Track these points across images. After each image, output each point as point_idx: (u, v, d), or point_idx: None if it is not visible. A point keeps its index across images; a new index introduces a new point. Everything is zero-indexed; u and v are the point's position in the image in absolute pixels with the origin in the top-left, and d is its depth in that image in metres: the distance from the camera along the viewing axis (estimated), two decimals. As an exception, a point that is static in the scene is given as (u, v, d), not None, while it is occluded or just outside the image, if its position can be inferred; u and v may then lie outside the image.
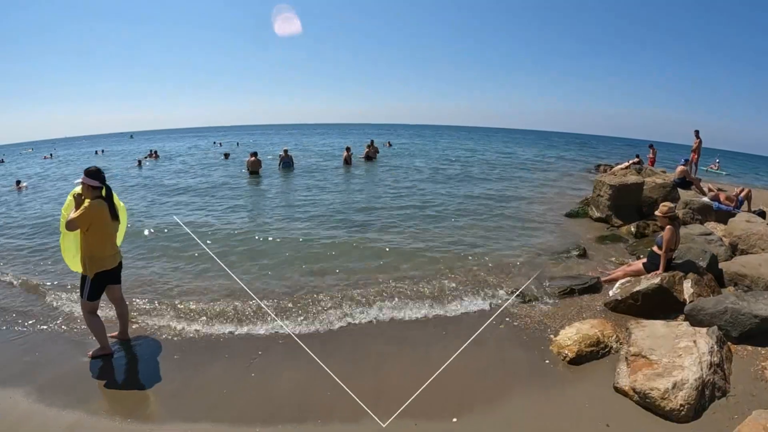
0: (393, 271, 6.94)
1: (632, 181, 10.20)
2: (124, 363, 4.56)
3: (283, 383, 4.12)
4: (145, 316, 5.50)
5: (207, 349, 4.75)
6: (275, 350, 4.70)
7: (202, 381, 4.19)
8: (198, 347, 4.79)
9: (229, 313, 5.50)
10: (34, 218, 11.37)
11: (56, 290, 6.30)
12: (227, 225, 9.91)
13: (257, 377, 4.22)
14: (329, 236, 8.87)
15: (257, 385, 4.09)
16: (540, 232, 9.39)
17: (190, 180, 17.63)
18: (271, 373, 4.28)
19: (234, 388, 4.04)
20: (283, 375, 4.26)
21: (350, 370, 4.28)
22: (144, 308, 5.73)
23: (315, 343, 4.78)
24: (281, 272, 6.93)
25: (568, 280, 6.35)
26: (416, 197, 13.03)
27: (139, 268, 7.20)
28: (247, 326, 5.21)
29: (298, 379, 4.17)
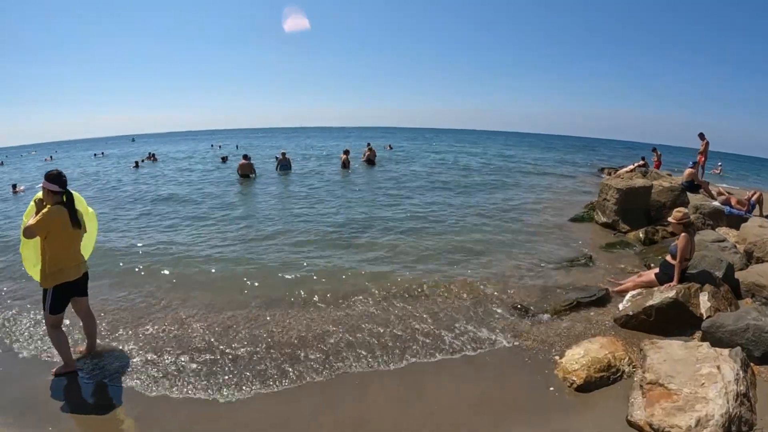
0: (383, 280, 6.51)
1: (640, 184, 9.75)
2: (90, 382, 4.18)
3: (252, 412, 3.72)
4: (113, 333, 5.08)
5: (177, 371, 4.32)
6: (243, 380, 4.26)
7: (173, 403, 3.81)
8: (170, 369, 4.37)
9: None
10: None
11: (18, 301, 5.89)
12: (187, 247, 8.37)
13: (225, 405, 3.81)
14: (313, 262, 7.45)
15: (226, 413, 3.68)
16: (543, 238, 8.93)
17: (173, 187, 16.48)
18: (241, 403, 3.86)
19: (201, 416, 3.65)
20: (254, 402, 3.85)
21: (327, 397, 3.88)
22: (112, 323, 5.31)
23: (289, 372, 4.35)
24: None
25: (575, 292, 5.90)
26: (413, 203, 12.51)
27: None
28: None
29: (277, 411, 3.75)
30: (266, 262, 7.29)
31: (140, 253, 7.90)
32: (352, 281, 6.43)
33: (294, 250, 7.96)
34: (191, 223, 10.21)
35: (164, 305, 5.71)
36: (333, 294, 5.97)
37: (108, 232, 9.34)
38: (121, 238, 8.90)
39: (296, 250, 7.95)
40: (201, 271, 6.94)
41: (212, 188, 15.51)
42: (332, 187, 15.00)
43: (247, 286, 6.27)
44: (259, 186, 16.11)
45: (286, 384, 4.06)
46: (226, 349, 4.62)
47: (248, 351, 4.57)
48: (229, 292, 6.04)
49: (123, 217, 11.09)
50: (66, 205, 4.18)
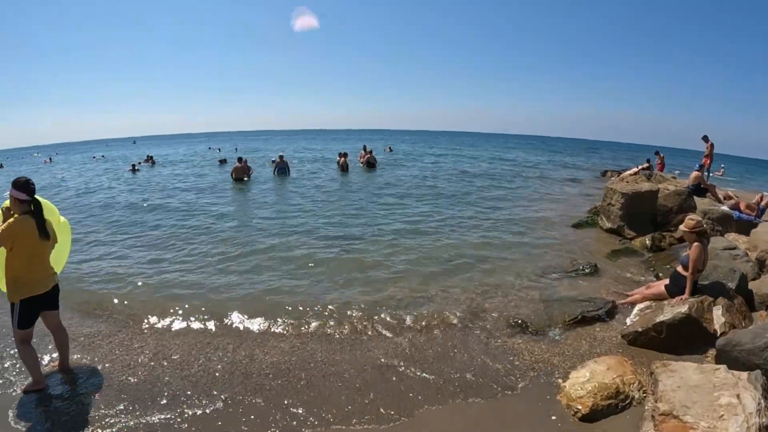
0: (374, 292, 6.15)
1: (646, 188, 9.39)
2: (59, 401, 3.88)
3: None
4: (87, 346, 4.77)
5: (153, 388, 4.00)
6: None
7: (145, 426, 3.51)
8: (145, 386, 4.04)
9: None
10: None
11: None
12: (171, 265, 7.60)
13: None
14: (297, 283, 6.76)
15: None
16: (545, 245, 8.55)
17: (162, 195, 15.40)
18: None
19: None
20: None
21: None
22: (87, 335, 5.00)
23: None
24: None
25: (579, 305, 5.52)
26: (411, 209, 12.02)
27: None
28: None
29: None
30: (250, 286, 6.56)
31: (121, 268, 7.46)
32: (342, 297, 6.03)
33: (279, 269, 7.26)
34: (175, 236, 9.58)
35: (143, 327, 5.36)
36: (315, 307, 5.66)
37: (87, 245, 8.85)
38: (99, 254, 8.33)
39: (281, 269, 7.25)
40: (181, 290, 6.45)
41: (203, 197, 14.55)
42: (329, 194, 14.36)
43: (226, 309, 5.74)
44: (253, 192, 15.49)
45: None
46: (202, 378, 4.28)
47: (222, 385, 4.19)
48: (210, 313, 5.63)
49: (101, 229, 10.41)
50: (34, 215, 3.91)
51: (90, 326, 5.27)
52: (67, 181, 21.88)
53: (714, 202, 12.03)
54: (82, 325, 5.28)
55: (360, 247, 8.32)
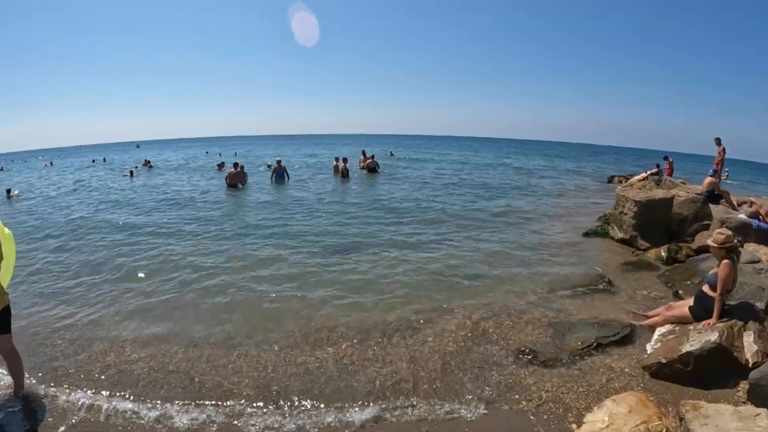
0: (365, 314, 5.57)
1: (660, 196, 8.80)
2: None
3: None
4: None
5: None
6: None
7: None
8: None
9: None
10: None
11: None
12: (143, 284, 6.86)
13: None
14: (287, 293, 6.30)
15: None
16: (554, 257, 7.96)
17: (142, 218, 13.46)
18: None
19: None
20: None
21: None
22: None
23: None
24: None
25: (594, 329, 4.95)
26: (411, 217, 11.33)
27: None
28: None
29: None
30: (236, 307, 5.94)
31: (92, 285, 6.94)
32: (330, 319, 5.45)
33: (262, 286, 6.66)
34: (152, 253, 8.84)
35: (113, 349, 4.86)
36: (302, 331, 5.11)
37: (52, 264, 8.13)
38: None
39: (265, 286, 6.65)
40: (153, 311, 5.87)
41: (194, 209, 13.17)
42: (327, 203, 13.42)
43: (198, 330, 5.25)
44: (248, 201, 14.56)
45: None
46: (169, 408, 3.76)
47: (192, 404, 3.72)
48: (186, 334, 5.13)
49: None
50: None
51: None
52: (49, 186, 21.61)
53: (729, 209, 11.46)
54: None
55: (356, 261, 7.69)
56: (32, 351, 4.68)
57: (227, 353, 4.64)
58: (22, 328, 5.13)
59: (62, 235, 10.12)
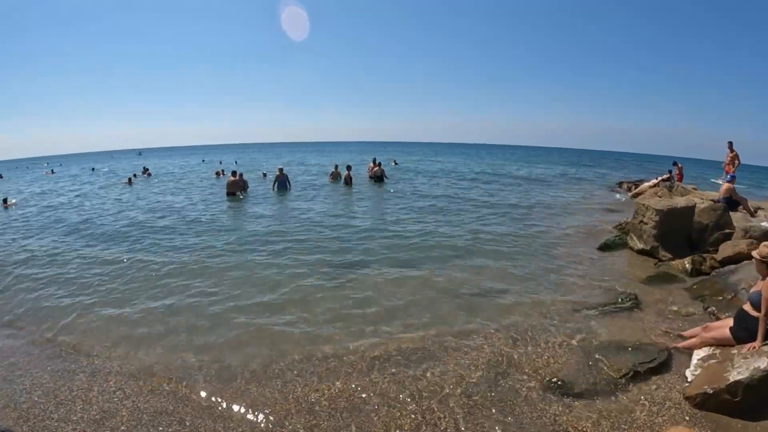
0: (374, 339, 5.07)
1: (682, 204, 8.34)
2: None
3: None
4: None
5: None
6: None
7: None
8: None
9: None
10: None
11: None
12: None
13: None
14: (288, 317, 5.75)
15: None
16: (572, 272, 7.46)
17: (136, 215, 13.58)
18: None
19: None
20: None
21: None
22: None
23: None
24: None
25: (627, 354, 4.48)
26: (420, 231, 10.66)
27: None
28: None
29: None
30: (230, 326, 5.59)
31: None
32: (338, 345, 4.96)
33: (256, 303, 6.26)
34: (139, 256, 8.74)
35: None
36: (306, 362, 4.62)
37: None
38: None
39: (259, 304, 6.26)
40: (141, 337, 5.43)
41: (190, 221, 12.50)
42: (332, 216, 12.64)
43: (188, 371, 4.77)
44: (247, 212, 13.95)
45: None
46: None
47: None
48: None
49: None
50: None
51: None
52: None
53: (748, 216, 11.03)
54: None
55: (362, 280, 7.14)
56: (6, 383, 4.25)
57: (222, 389, 4.18)
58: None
59: (54, 248, 9.72)
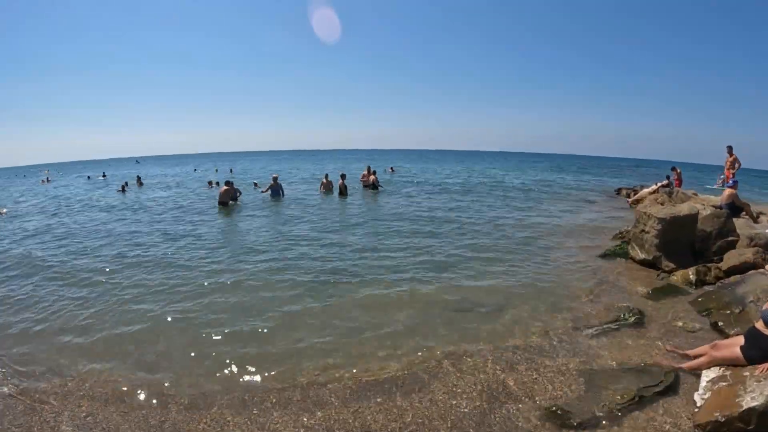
0: (361, 361, 4.76)
1: (685, 211, 8.07)
2: None
3: None
4: None
5: None
6: None
7: None
8: None
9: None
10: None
11: None
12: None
13: None
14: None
15: None
16: (572, 285, 7.15)
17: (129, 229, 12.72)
18: None
19: None
20: None
21: None
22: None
23: None
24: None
25: (632, 377, 4.17)
26: (415, 239, 10.43)
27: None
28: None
29: None
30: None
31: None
32: (321, 369, 4.63)
33: (244, 320, 5.90)
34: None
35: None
36: (287, 389, 4.30)
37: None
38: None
39: (246, 320, 5.88)
40: (116, 355, 5.19)
41: (178, 232, 11.99)
42: (325, 226, 12.34)
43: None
44: (239, 222, 13.65)
45: None
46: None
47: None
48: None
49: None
50: None
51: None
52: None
53: (751, 222, 10.80)
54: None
55: (352, 295, 6.77)
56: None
57: (198, 416, 3.87)
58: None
59: (41, 259, 9.43)
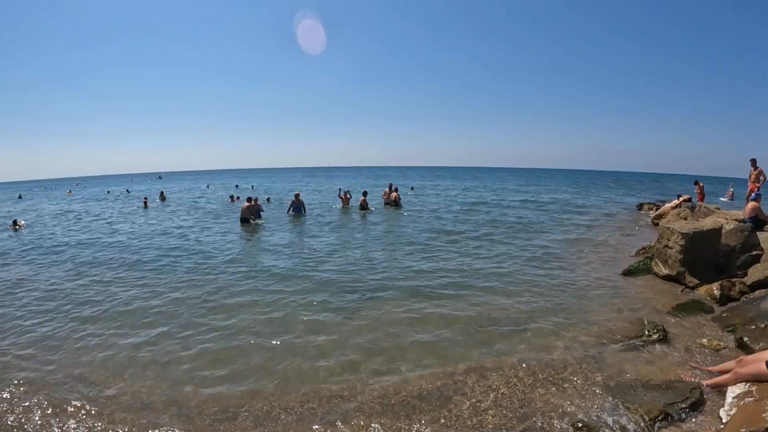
0: (385, 378, 4.80)
1: (708, 226, 8.04)
2: None
3: None
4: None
5: None
6: None
7: None
8: None
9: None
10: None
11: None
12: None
13: None
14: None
15: None
16: (595, 301, 7.18)
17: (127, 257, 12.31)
18: None
19: None
20: None
21: None
22: None
23: None
24: None
25: (656, 394, 4.21)
26: (436, 258, 10.40)
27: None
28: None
29: None
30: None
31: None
32: (344, 385, 4.68)
33: (261, 338, 5.94)
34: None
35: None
36: (309, 401, 4.39)
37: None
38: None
39: (263, 338, 5.93)
40: (143, 366, 5.33)
41: (200, 248, 12.30)
42: (345, 245, 12.29)
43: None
44: (259, 240, 13.70)
45: None
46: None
47: None
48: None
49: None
50: None
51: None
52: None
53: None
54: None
55: (372, 312, 6.82)
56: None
57: (223, 428, 4.00)
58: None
59: (58, 272, 9.81)
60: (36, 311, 7.28)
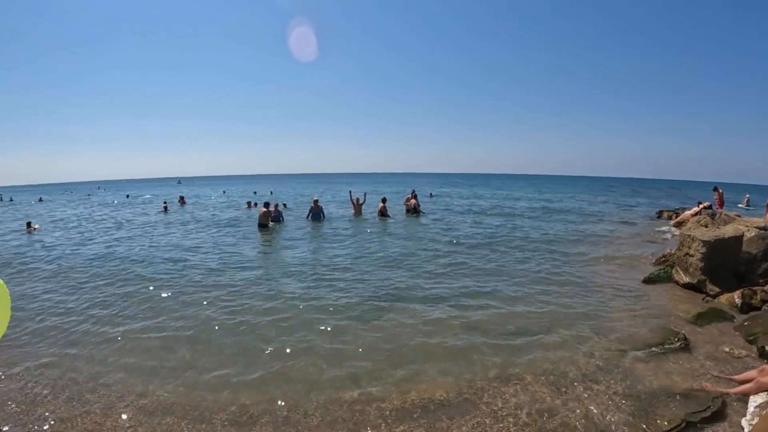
0: (406, 386, 4.83)
1: (730, 233, 8.00)
2: None
3: None
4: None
5: None
6: None
7: None
8: None
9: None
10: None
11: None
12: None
13: None
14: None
15: None
16: (617, 309, 7.17)
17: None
18: None
19: None
20: None
21: None
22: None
23: None
24: None
25: (678, 403, 4.23)
26: (458, 265, 10.36)
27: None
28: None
29: None
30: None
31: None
32: (365, 393, 4.70)
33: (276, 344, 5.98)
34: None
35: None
36: (329, 406, 4.46)
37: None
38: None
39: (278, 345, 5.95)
40: (160, 370, 5.47)
41: (218, 253, 12.38)
42: (363, 251, 12.31)
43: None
44: (277, 246, 13.81)
45: None
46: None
47: None
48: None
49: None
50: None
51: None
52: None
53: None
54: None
55: (391, 320, 6.84)
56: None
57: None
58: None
59: (70, 275, 10.07)
60: (54, 313, 7.49)
